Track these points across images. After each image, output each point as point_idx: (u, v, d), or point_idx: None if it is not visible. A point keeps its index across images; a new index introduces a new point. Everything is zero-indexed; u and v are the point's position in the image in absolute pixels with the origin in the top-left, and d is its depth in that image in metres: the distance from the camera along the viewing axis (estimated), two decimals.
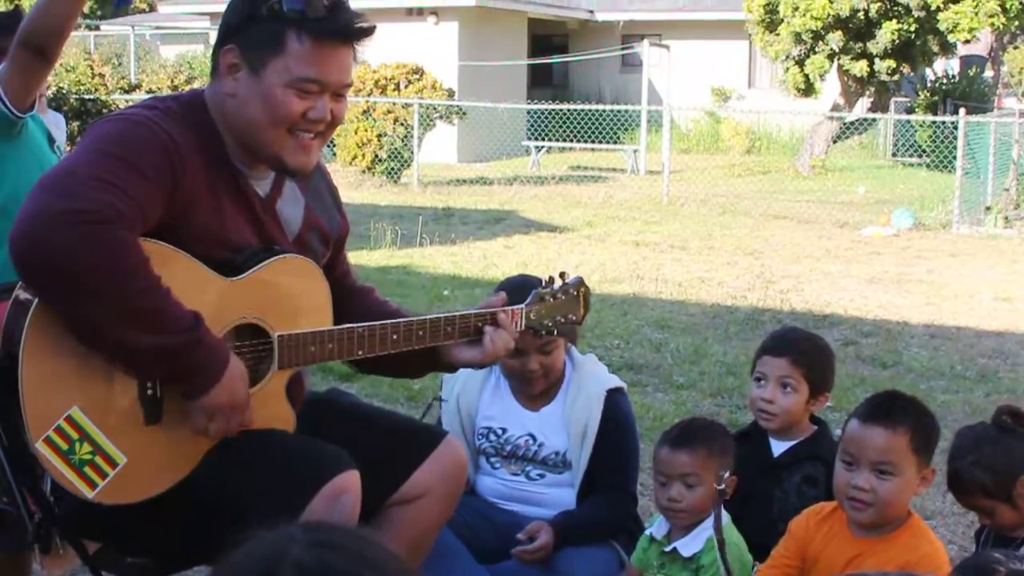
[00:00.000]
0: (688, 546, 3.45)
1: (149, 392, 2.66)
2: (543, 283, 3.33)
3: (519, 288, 3.81)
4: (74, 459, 2.59)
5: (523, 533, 3.78)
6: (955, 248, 14.32)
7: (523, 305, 3.24)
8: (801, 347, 3.85)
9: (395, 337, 2.99)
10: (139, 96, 21.04)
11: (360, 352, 2.95)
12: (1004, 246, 14.68)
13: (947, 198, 17.44)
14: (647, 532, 3.61)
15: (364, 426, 3.15)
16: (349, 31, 2.79)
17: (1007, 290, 11.05)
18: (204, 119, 2.82)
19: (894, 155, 28.98)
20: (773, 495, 3.77)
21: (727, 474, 3.35)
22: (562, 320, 3.32)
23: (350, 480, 2.74)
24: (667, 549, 3.49)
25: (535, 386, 3.97)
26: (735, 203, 18.61)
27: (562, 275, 3.37)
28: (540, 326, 3.28)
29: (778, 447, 3.83)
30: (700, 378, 7.24)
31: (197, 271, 2.69)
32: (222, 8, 2.86)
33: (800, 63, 23.89)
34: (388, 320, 3.01)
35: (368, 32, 2.82)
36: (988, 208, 16.64)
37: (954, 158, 17.63)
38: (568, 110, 24.36)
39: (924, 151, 25.96)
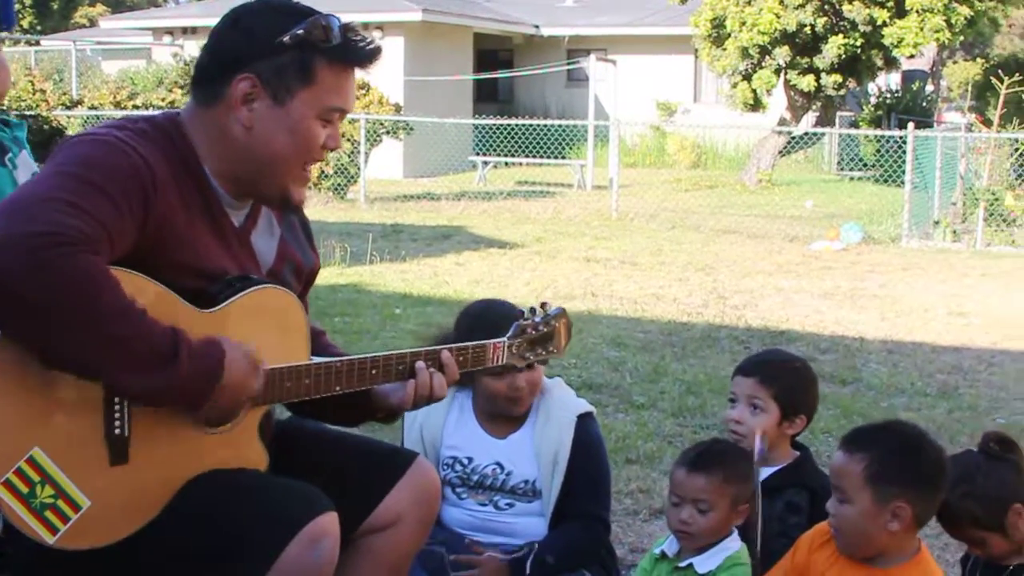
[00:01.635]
0: (705, 563, 3.34)
1: (116, 431, 2.48)
2: (523, 314, 3.19)
3: (481, 316, 3.71)
4: (35, 503, 2.40)
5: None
6: (906, 262, 14.33)
7: (505, 338, 3.10)
8: (771, 368, 3.77)
9: (374, 372, 2.84)
10: (81, 112, 20.76)
11: (338, 388, 2.79)
12: (954, 260, 14.71)
13: (895, 212, 17.48)
14: (654, 551, 3.48)
15: (330, 452, 3.01)
16: (372, 55, 2.73)
17: (961, 305, 11.04)
18: (180, 142, 2.67)
19: (839, 169, 29.18)
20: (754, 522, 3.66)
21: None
22: (543, 352, 3.19)
23: (328, 523, 2.59)
24: (682, 565, 3.38)
25: (523, 404, 3.83)
26: (684, 218, 18.57)
27: (543, 305, 3.24)
28: (522, 359, 3.15)
29: (760, 473, 3.71)
30: (660, 397, 7.12)
31: (170, 302, 2.52)
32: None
33: (747, 78, 23.96)
34: (365, 355, 2.86)
35: (380, 53, 2.76)
36: (936, 222, 16.70)
37: (900, 172, 17.70)
38: (514, 125, 24.28)
39: (869, 165, 26.15)
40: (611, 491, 4.04)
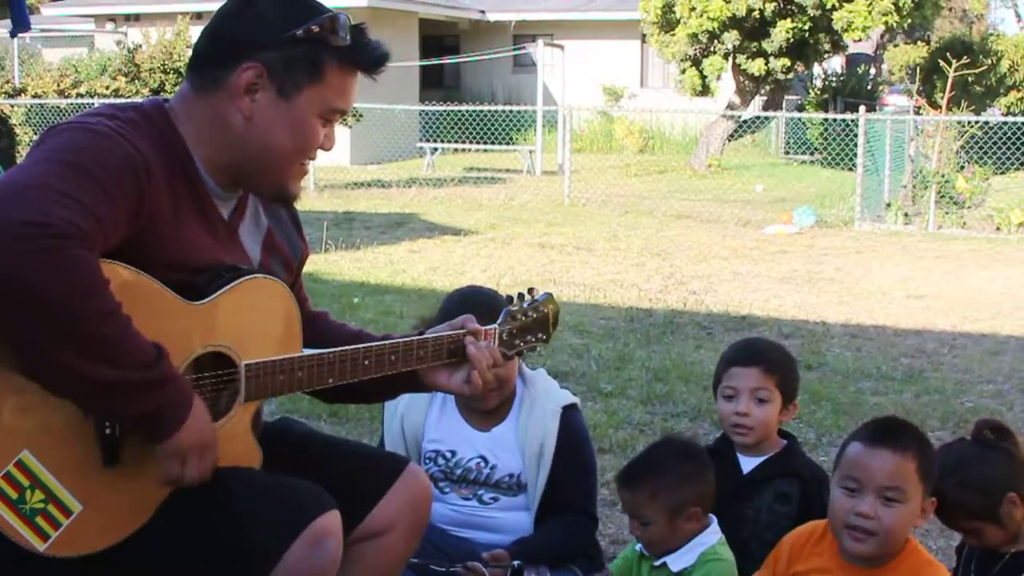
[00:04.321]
0: (677, 562, 3.29)
1: (107, 432, 2.36)
2: (511, 300, 3.10)
3: (467, 301, 3.63)
4: (24, 509, 2.29)
5: (487, 555, 3.57)
6: (859, 245, 14.38)
7: (496, 325, 3.01)
8: (770, 356, 3.69)
9: (367, 363, 2.75)
10: (24, 101, 20.45)
11: (331, 380, 2.70)
12: (907, 242, 14.79)
13: (845, 195, 17.53)
14: (636, 547, 3.42)
15: (321, 457, 2.91)
16: (381, 62, 2.67)
17: (918, 287, 11.08)
18: (168, 132, 2.56)
19: (786, 153, 29.29)
20: (744, 513, 3.60)
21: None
22: (532, 339, 3.11)
23: (331, 522, 2.52)
24: (656, 564, 3.32)
25: (489, 400, 3.74)
26: (636, 203, 18.56)
27: (530, 291, 3.16)
28: (512, 346, 3.06)
29: (748, 463, 3.66)
30: (628, 385, 7.06)
31: (159, 294, 2.41)
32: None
33: (696, 63, 23.98)
34: (358, 345, 2.76)
35: (388, 60, 2.69)
36: (888, 205, 16.76)
37: (848, 155, 17.76)
38: (462, 111, 24.18)
39: (815, 149, 26.27)
40: (597, 483, 3.97)
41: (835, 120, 20.87)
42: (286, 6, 2.59)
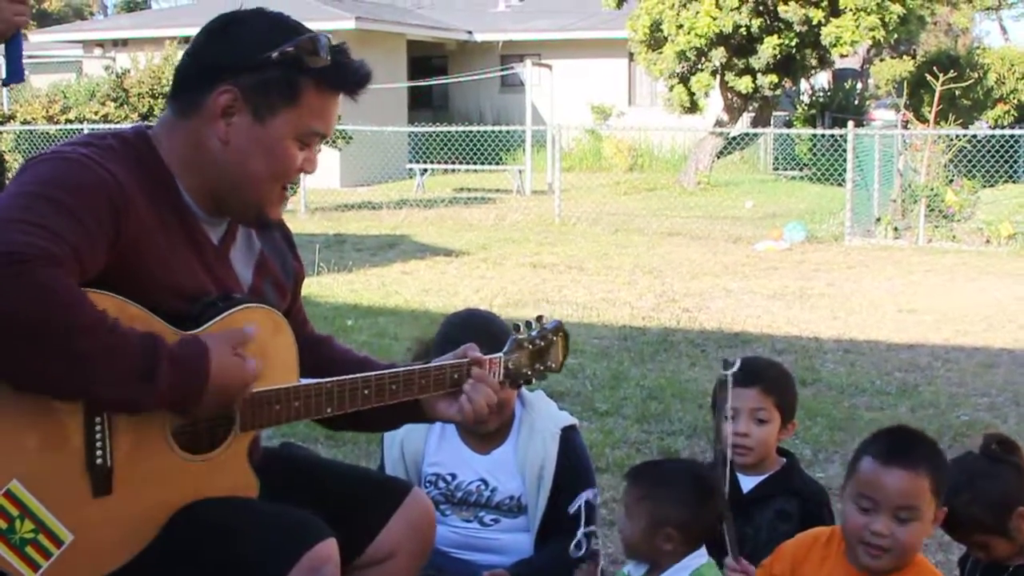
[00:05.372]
0: None
1: (98, 461, 2.36)
2: (518, 328, 3.10)
3: (468, 326, 3.63)
4: (14, 539, 2.28)
5: (488, 575, 3.57)
6: (850, 260, 14.41)
7: (502, 354, 3.01)
8: (768, 375, 3.68)
9: (366, 392, 2.74)
10: (14, 128, 20.43)
11: (329, 410, 2.69)
12: (897, 256, 14.82)
13: (835, 210, 17.56)
14: (624, 570, 3.41)
15: (324, 483, 2.92)
16: (363, 82, 2.65)
17: (910, 301, 11.10)
18: (151, 158, 2.55)
19: (775, 169, 29.35)
20: (744, 532, 3.59)
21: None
22: (541, 368, 3.11)
23: (329, 550, 2.51)
24: None
25: (488, 423, 3.73)
26: (627, 221, 18.58)
27: (539, 319, 3.15)
28: (519, 375, 3.06)
29: (747, 482, 3.65)
30: (623, 404, 7.07)
31: (149, 324, 2.40)
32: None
33: (684, 81, 24.04)
34: (357, 374, 2.76)
35: (370, 79, 2.66)
36: (878, 219, 16.81)
37: (836, 170, 17.81)
38: (451, 132, 24.22)
39: (804, 164, 26.33)
40: (597, 504, 3.98)
41: (823, 135, 20.93)
42: (264, 29, 2.58)
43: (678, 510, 3.23)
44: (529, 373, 3.09)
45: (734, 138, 26.42)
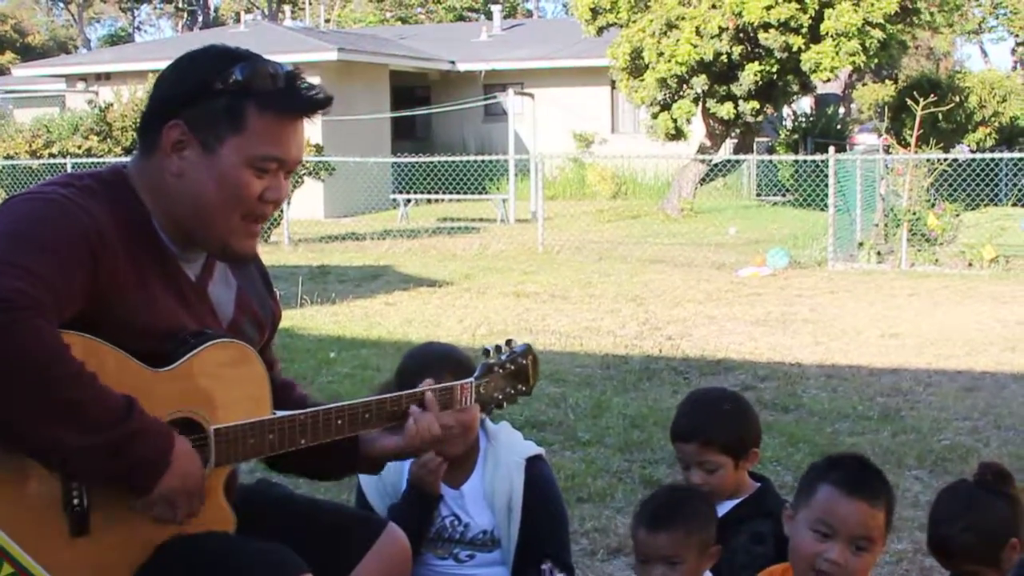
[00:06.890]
0: None
1: (75, 503, 2.37)
2: (487, 352, 3.11)
3: (424, 361, 3.60)
4: None
5: None
6: (833, 285, 14.43)
7: (473, 379, 3.02)
8: (706, 427, 3.62)
9: (340, 423, 2.75)
10: None
11: (303, 441, 2.69)
12: (880, 281, 14.85)
13: (818, 235, 17.60)
14: None
15: (299, 519, 2.90)
16: (313, 105, 2.61)
17: (892, 326, 11.11)
18: (128, 196, 2.56)
19: (758, 195, 29.43)
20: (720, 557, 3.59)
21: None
22: (511, 391, 3.12)
23: None
24: None
25: (453, 447, 3.70)
26: (610, 249, 18.61)
27: (508, 343, 3.17)
28: (491, 399, 3.07)
29: (722, 508, 3.65)
30: (606, 433, 7.06)
31: (122, 364, 2.41)
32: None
33: (666, 108, 24.12)
34: (331, 404, 2.76)
35: (328, 103, 2.63)
36: (860, 244, 16.85)
37: (819, 195, 17.85)
38: (434, 162, 24.26)
39: (787, 189, 26.42)
40: (569, 532, 3.96)
41: (806, 161, 20.99)
42: (211, 60, 2.59)
43: (712, 525, 3.23)
44: (501, 397, 3.11)
45: (717, 164, 26.50)
